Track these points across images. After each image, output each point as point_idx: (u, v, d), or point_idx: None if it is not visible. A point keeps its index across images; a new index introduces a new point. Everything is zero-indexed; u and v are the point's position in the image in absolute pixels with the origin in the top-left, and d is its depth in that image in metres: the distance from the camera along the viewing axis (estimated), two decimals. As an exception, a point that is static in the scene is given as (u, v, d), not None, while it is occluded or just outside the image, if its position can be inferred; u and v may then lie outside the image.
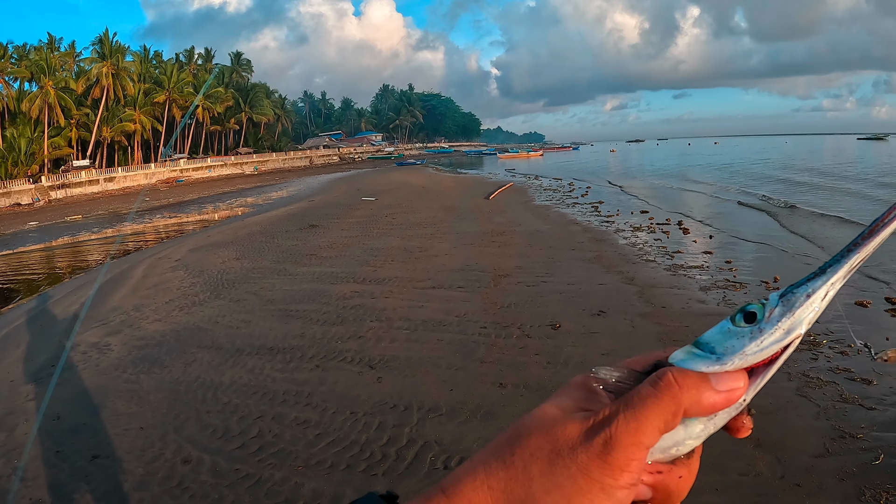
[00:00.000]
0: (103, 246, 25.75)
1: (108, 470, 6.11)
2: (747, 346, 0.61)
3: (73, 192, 65.56)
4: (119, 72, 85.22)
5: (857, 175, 44.43)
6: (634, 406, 0.60)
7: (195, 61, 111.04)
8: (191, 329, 10.79)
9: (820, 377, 7.41)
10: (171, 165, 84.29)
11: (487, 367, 8.21)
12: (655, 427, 0.59)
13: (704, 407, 0.61)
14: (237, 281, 14.43)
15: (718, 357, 0.62)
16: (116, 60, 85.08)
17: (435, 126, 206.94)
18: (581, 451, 0.59)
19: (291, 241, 20.37)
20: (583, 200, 30.93)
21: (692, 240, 17.83)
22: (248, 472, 5.86)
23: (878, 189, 33.39)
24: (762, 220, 22.58)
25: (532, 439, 0.62)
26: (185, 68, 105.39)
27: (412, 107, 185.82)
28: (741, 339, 0.62)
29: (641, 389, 0.61)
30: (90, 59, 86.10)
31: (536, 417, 0.64)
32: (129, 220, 11.18)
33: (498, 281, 12.95)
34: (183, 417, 7.17)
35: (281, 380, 8.16)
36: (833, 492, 5.16)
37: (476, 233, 20.04)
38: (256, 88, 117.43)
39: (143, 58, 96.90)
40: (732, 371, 0.62)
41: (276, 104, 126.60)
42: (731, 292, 11.63)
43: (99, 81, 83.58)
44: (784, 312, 0.62)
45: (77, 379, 8.72)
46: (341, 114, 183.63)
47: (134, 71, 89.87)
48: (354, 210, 30.03)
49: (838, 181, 39.17)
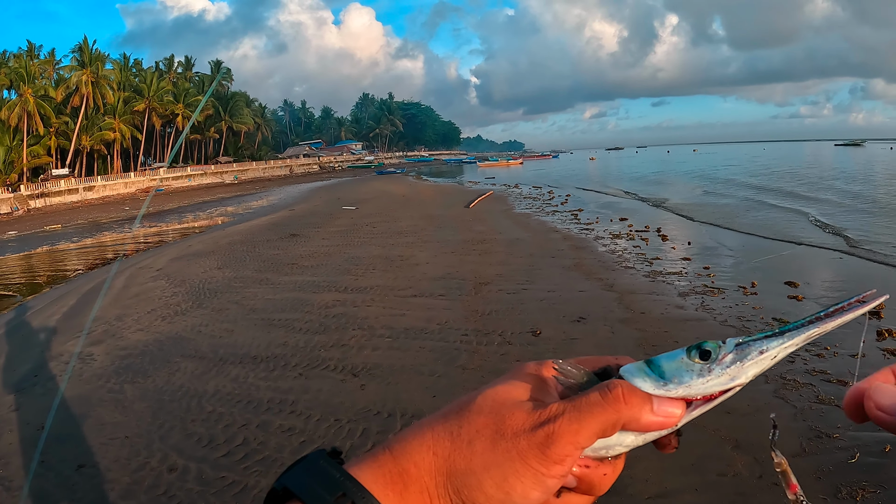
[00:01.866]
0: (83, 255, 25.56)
1: (93, 479, 6.14)
2: (694, 380, 0.67)
3: (53, 201, 65.05)
4: (99, 80, 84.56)
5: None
6: (581, 409, 0.66)
7: (175, 69, 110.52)
8: (174, 338, 10.81)
9: (797, 379, 7.55)
10: (151, 174, 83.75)
11: (469, 374, 8.29)
12: (594, 432, 0.65)
13: (641, 425, 0.67)
14: (219, 290, 14.45)
15: (665, 382, 0.67)
16: (96, 68, 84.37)
17: (415, 135, 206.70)
18: (523, 439, 0.65)
19: (273, 251, 20.38)
20: (562, 208, 31.01)
21: (671, 246, 17.98)
22: (235, 480, 5.91)
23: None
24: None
25: (481, 417, 0.68)
26: (165, 76, 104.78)
27: (392, 115, 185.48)
28: (690, 373, 0.67)
29: (591, 395, 0.67)
30: (70, 66, 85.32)
31: (489, 397, 0.71)
32: (138, 222, 11.11)
33: (479, 288, 13.04)
34: (168, 426, 7.20)
35: (265, 388, 8.21)
36: (811, 490, 5.27)
37: (457, 241, 20.13)
38: (236, 97, 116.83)
39: (122, 66, 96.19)
40: (673, 399, 0.67)
41: (256, 113, 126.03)
42: (709, 298, 11.78)
43: (78, 89, 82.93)
44: (735, 360, 0.67)
45: (59, 389, 8.73)
46: (321, 123, 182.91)
47: (114, 79, 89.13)
48: (335, 219, 30.07)
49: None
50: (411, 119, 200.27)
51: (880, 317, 10.32)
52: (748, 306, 11.13)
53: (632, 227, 22.53)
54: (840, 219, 23.63)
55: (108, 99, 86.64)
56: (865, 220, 23.30)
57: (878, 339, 8.92)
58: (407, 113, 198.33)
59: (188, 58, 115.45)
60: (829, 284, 13.16)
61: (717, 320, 10.35)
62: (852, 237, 18.96)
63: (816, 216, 24.37)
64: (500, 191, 46.19)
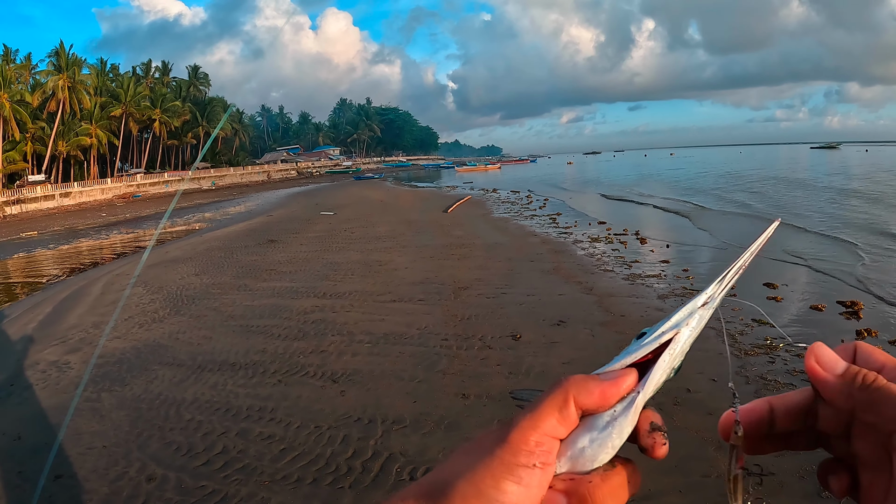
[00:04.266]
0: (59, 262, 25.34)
1: (71, 490, 6.09)
2: (631, 349, 0.69)
3: (29, 207, 64.35)
4: (75, 85, 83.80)
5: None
6: (533, 403, 0.65)
7: (152, 74, 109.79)
8: (151, 346, 10.73)
9: (777, 379, 7.64)
10: (128, 180, 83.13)
11: (450, 379, 8.30)
12: (549, 413, 0.64)
13: (593, 395, 0.65)
14: (197, 297, 14.37)
15: (603, 367, 0.69)
16: (73, 73, 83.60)
17: (393, 140, 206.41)
18: (492, 445, 0.63)
19: (251, 257, 20.30)
20: (541, 212, 31.19)
21: (649, 249, 18.10)
22: (215, 489, 5.87)
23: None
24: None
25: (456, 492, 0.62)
26: (143, 82, 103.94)
27: (370, 121, 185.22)
28: (625, 352, 0.69)
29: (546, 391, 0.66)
30: (46, 71, 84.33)
31: (455, 467, 0.65)
32: (165, 219, 11.00)
33: (458, 293, 13.06)
34: (146, 435, 7.15)
35: (244, 395, 8.17)
36: (794, 489, 5.33)
37: (435, 246, 20.16)
38: (214, 102, 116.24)
39: (99, 71, 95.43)
40: (617, 367, 0.68)
41: (233, 118, 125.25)
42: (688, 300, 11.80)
43: (55, 94, 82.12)
44: (666, 320, 0.72)
45: (36, 398, 8.65)
46: (299, 128, 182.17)
47: (90, 84, 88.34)
48: (313, 225, 30.01)
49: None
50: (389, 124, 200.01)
51: (859, 317, 10.45)
52: (727, 308, 11.13)
53: (610, 230, 22.70)
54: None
55: (85, 104, 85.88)
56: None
57: (857, 339, 9.00)
58: (385, 118, 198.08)
59: (165, 63, 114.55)
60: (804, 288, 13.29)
61: (697, 322, 10.39)
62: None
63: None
64: (478, 195, 46.29)
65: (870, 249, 17.49)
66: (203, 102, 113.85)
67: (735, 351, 8.82)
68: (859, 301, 11.25)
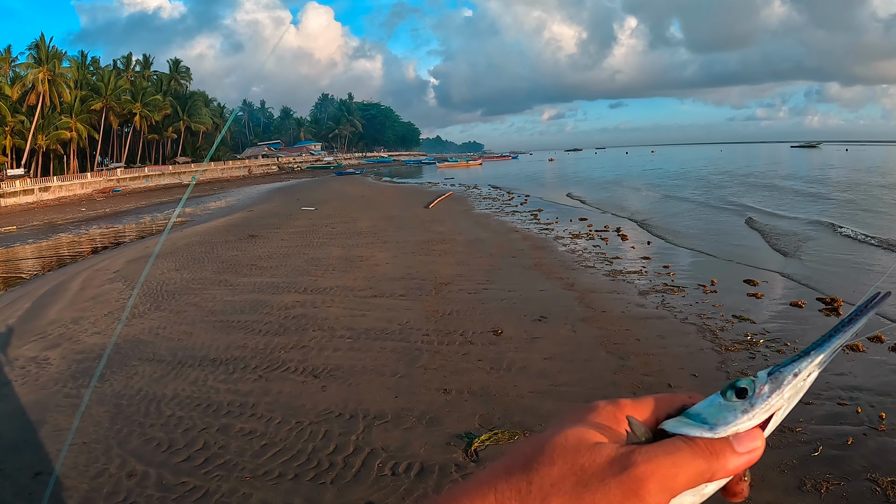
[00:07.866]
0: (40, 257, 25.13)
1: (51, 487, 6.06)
2: (740, 418, 0.66)
3: (7, 202, 63.60)
4: (55, 78, 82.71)
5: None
6: (673, 453, 0.61)
7: (133, 68, 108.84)
8: (131, 341, 10.67)
9: (757, 375, 7.69)
10: (108, 175, 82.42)
11: (431, 374, 8.33)
12: (689, 477, 0.60)
13: (729, 469, 0.63)
14: (177, 292, 14.31)
15: (711, 427, 0.65)
16: (53, 66, 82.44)
17: (374, 135, 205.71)
18: (613, 484, 0.58)
19: (231, 252, 20.24)
20: (522, 209, 31.32)
21: (631, 246, 18.22)
22: (196, 485, 5.86)
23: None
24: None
25: (554, 468, 0.60)
26: (123, 75, 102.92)
27: (351, 116, 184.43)
28: (733, 412, 0.66)
29: (676, 442, 0.63)
30: (26, 64, 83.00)
31: (559, 444, 0.62)
32: (181, 207, 10.98)
33: (439, 289, 13.08)
34: (126, 431, 7.12)
35: (225, 391, 8.16)
36: (775, 483, 5.42)
37: (417, 242, 20.19)
38: (195, 97, 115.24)
39: (80, 64, 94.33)
40: (748, 431, 0.65)
41: (214, 113, 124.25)
42: (669, 296, 11.95)
43: (35, 87, 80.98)
44: (773, 389, 0.67)
45: (15, 394, 8.58)
46: (280, 123, 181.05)
47: (71, 77, 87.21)
48: (294, 220, 30.00)
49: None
50: (371, 120, 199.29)
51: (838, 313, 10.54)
52: (708, 304, 11.30)
53: (591, 226, 22.82)
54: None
55: (65, 97, 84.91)
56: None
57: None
58: (366, 114, 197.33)
59: (146, 56, 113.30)
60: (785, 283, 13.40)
61: (678, 318, 10.50)
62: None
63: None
64: (459, 191, 46.40)
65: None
66: (184, 97, 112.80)
67: (716, 346, 8.90)
68: (839, 298, 11.33)
